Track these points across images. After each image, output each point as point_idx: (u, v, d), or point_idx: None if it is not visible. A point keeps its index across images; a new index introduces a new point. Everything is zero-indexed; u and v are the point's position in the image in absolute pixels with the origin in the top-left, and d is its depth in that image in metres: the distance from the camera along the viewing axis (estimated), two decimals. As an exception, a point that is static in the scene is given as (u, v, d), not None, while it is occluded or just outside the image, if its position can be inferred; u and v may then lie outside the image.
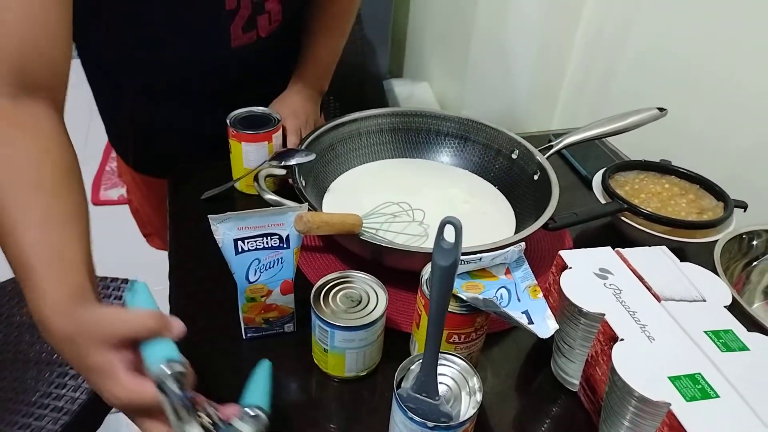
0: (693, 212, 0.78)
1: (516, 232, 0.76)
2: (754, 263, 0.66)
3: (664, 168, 0.85)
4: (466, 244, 0.62)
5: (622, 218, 0.77)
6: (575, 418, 0.59)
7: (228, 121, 0.80)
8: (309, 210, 0.59)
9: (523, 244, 0.58)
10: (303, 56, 0.94)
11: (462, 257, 0.57)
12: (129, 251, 1.43)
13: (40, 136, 0.53)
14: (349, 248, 0.71)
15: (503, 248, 0.57)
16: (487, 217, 0.81)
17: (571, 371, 0.60)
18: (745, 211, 0.78)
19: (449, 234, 0.42)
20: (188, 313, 0.67)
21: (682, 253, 0.75)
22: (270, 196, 0.70)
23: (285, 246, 0.59)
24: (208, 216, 0.55)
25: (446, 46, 1.81)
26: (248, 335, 0.63)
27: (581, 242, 0.82)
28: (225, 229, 0.56)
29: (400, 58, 2.27)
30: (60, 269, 0.47)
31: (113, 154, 2.48)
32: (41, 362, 0.98)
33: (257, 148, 0.80)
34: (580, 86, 1.27)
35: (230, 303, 0.63)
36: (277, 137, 0.81)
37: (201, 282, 0.71)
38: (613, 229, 0.82)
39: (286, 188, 0.77)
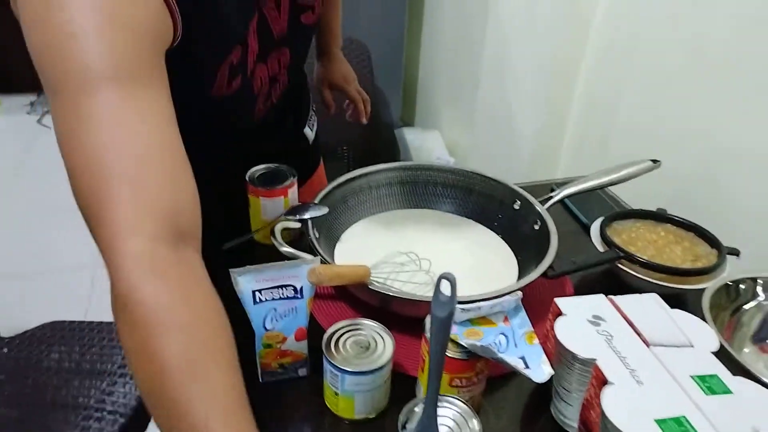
0: (688, 259, 0.81)
1: (518, 281, 0.80)
2: (742, 309, 0.69)
3: (660, 216, 0.89)
4: (471, 292, 0.67)
5: (620, 266, 0.81)
6: (574, 460, 0.62)
7: (246, 177, 0.86)
8: (321, 262, 0.64)
9: (519, 292, 0.63)
10: (323, 31, 1.11)
11: (462, 306, 0.61)
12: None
13: (209, 295, 0.52)
14: (359, 296, 0.76)
15: (500, 297, 0.61)
16: (490, 266, 0.86)
17: (569, 414, 0.63)
18: (738, 258, 0.82)
19: (446, 288, 0.46)
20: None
21: (678, 299, 0.78)
22: (285, 249, 0.75)
23: (299, 296, 0.64)
24: (229, 270, 0.61)
25: (455, 96, 1.89)
26: (264, 379, 0.68)
27: (582, 288, 0.85)
28: (244, 282, 0.62)
29: (412, 107, 2.36)
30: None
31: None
32: (68, 406, 1.03)
33: (274, 202, 0.86)
34: (581, 137, 1.33)
35: (249, 349, 0.67)
36: (292, 192, 0.87)
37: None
38: (612, 276, 0.86)
39: (301, 239, 0.82)
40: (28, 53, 0.54)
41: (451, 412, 0.56)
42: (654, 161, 0.91)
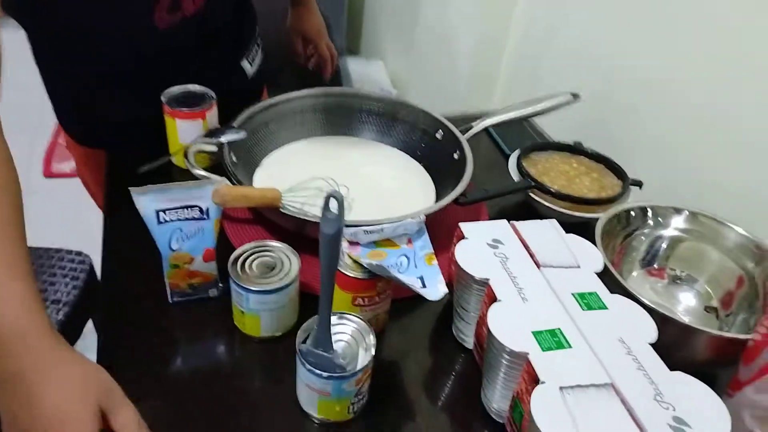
0: (594, 189, 0.85)
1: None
2: (633, 236, 0.74)
3: (574, 149, 0.92)
4: (385, 216, 0.68)
5: (532, 195, 0.84)
6: (469, 372, 0.66)
7: (162, 98, 0.83)
8: (228, 184, 0.64)
9: (422, 216, 0.64)
10: None
11: (366, 228, 0.63)
12: (79, 223, 1.45)
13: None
14: (273, 220, 0.76)
15: (402, 220, 0.63)
16: (408, 192, 0.87)
17: (467, 332, 0.67)
18: (641, 189, 0.86)
19: (334, 206, 0.47)
20: (120, 278, 0.72)
21: (584, 227, 0.82)
22: (198, 171, 0.74)
23: (205, 217, 0.64)
24: (129, 189, 0.60)
25: (398, 26, 1.85)
26: (174, 299, 0.68)
27: (498, 217, 0.87)
28: (146, 201, 0.61)
29: (358, 35, 2.30)
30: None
31: (66, 127, 2.46)
32: None
33: (191, 125, 0.84)
34: (516, 67, 1.33)
35: (158, 269, 0.67)
36: (211, 115, 0.85)
37: (133, 250, 0.75)
38: (527, 206, 0.89)
39: (221, 165, 0.81)
40: None
41: (349, 328, 0.58)
42: (574, 95, 0.92)
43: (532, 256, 0.63)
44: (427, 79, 1.63)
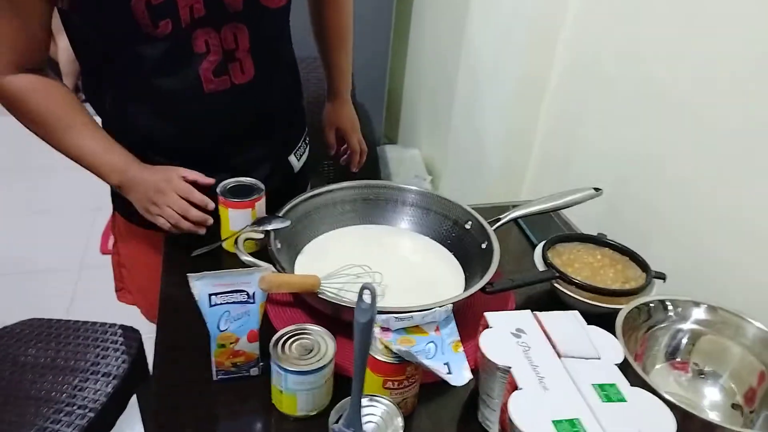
0: (619, 281, 0.88)
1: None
2: (655, 328, 0.76)
3: (599, 240, 0.96)
4: (416, 303, 0.73)
5: (557, 285, 0.88)
6: (494, 460, 0.68)
7: (218, 190, 0.93)
8: (274, 271, 0.71)
9: (450, 305, 0.69)
10: (330, 70, 1.18)
11: (397, 315, 0.68)
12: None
13: (58, 83, 0.89)
14: (312, 304, 0.82)
15: (431, 309, 0.68)
16: (439, 280, 0.92)
17: (493, 419, 0.69)
18: (664, 281, 0.89)
19: (367, 297, 0.53)
20: (171, 356, 0.78)
21: (607, 318, 0.85)
22: (246, 258, 0.82)
23: (252, 301, 0.70)
24: (187, 275, 0.67)
25: (433, 117, 1.97)
26: (218, 377, 0.74)
27: (525, 305, 0.91)
28: (201, 286, 0.68)
29: (395, 125, 2.44)
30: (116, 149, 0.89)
31: (123, 207, 2.63)
32: (40, 399, 1.08)
33: (242, 213, 0.92)
34: (545, 160, 1.41)
35: (205, 349, 0.73)
36: (259, 205, 0.94)
37: (184, 329, 0.82)
38: (552, 295, 0.92)
39: (267, 250, 0.88)
40: None
41: (379, 410, 0.62)
42: (596, 189, 0.98)
43: (553, 346, 0.66)
44: (460, 167, 1.72)
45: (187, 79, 0.88)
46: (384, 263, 0.92)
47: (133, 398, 1.19)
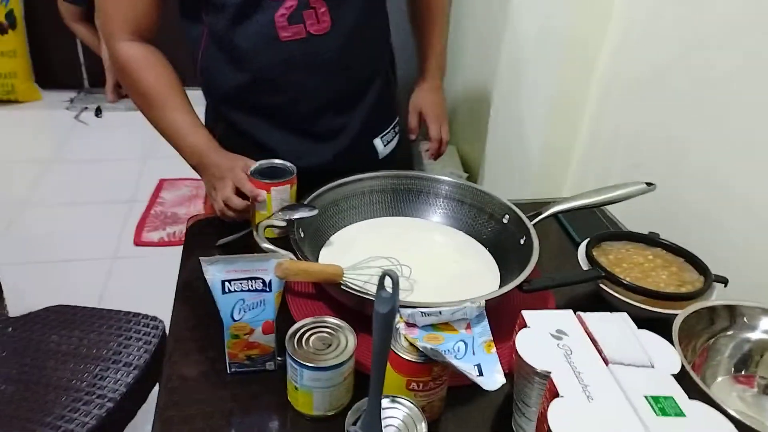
0: (673, 284, 0.80)
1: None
2: (718, 337, 0.68)
3: (650, 240, 0.88)
4: (450, 299, 0.67)
5: (603, 286, 0.80)
6: (529, 475, 0.61)
7: (249, 172, 0.88)
8: (293, 259, 0.66)
9: (482, 301, 0.63)
10: (422, 52, 1.14)
11: (423, 310, 0.62)
12: (160, 290, 1.52)
13: (165, 61, 0.94)
14: (335, 296, 0.77)
15: (461, 304, 0.61)
16: (472, 276, 0.86)
17: (528, 428, 0.62)
18: (725, 287, 0.80)
19: (388, 285, 0.47)
20: (184, 347, 0.74)
21: (660, 324, 0.77)
22: (266, 245, 0.77)
23: (267, 289, 0.65)
24: (200, 258, 0.63)
25: (472, 112, 1.90)
26: (232, 370, 0.69)
27: (565, 307, 0.84)
28: (214, 271, 0.63)
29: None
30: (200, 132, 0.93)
31: (160, 200, 2.65)
32: (60, 387, 1.06)
33: (280, 192, 0.87)
34: (588, 155, 1.32)
35: (220, 341, 0.69)
36: (292, 189, 0.89)
37: (200, 320, 0.78)
38: (597, 297, 0.84)
39: (287, 239, 0.83)
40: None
41: (401, 413, 0.56)
42: (648, 184, 0.90)
43: (599, 351, 0.59)
44: (498, 165, 1.65)
45: (263, 25, 0.88)
46: (413, 257, 0.86)
47: (157, 390, 1.16)
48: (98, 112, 3.45)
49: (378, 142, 1.08)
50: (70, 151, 3.03)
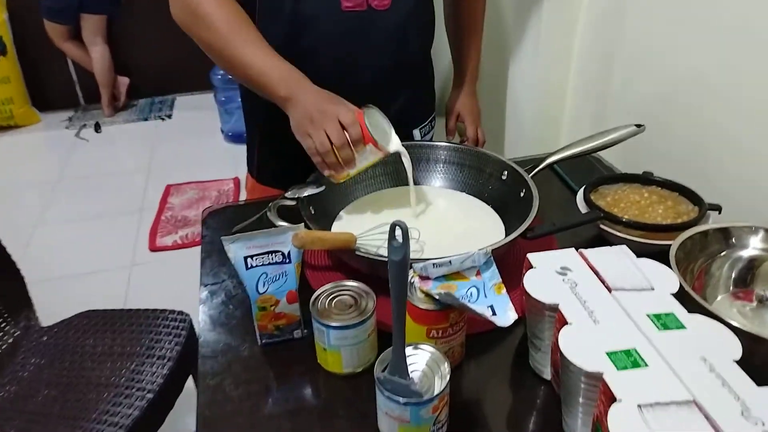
0: (669, 217, 0.83)
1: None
2: (714, 258, 0.71)
3: (645, 179, 0.91)
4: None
5: (603, 227, 0.84)
6: (549, 403, 0.65)
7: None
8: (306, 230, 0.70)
9: (489, 248, 0.67)
10: (462, 58, 1.18)
11: (435, 261, 0.66)
12: (180, 289, 1.57)
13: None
14: (350, 264, 0.81)
15: (469, 252, 0.66)
16: (478, 232, 0.90)
17: (543, 361, 0.67)
18: (719, 213, 0.83)
19: (399, 234, 0.51)
20: (216, 326, 0.79)
21: (659, 255, 0.81)
22: (280, 222, 0.81)
23: (288, 261, 0.70)
24: (221, 237, 0.67)
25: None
26: (263, 341, 0.74)
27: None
28: (236, 249, 0.68)
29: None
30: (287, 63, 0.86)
31: (168, 205, 2.69)
32: (101, 385, 1.12)
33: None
34: (580, 107, 1.35)
35: (249, 317, 0.73)
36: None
37: (228, 298, 0.82)
38: (599, 238, 0.88)
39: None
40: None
41: (424, 358, 0.60)
42: (638, 125, 0.93)
43: (602, 281, 0.63)
44: (492, 132, 1.67)
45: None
46: (421, 221, 0.91)
47: (191, 381, 1.22)
48: (97, 127, 3.50)
49: (417, 133, 1.11)
50: (74, 168, 3.09)
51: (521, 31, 1.40)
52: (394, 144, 0.89)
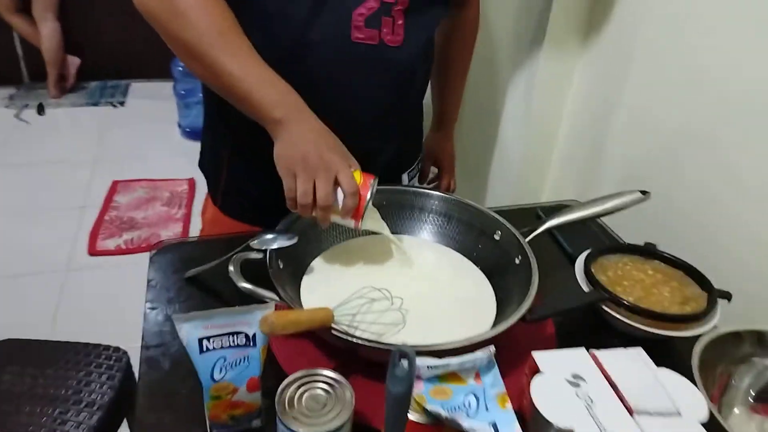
0: (676, 302, 0.76)
1: (496, 322, 0.75)
2: (734, 365, 0.64)
3: (648, 252, 0.84)
4: (444, 334, 0.62)
5: (605, 307, 0.76)
6: None
7: None
8: (278, 308, 0.58)
9: (492, 348, 0.57)
10: (444, 100, 1.13)
11: (430, 363, 0.56)
12: (120, 304, 1.41)
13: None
14: (324, 338, 0.70)
15: (472, 352, 0.56)
16: (467, 304, 0.80)
17: (545, 481, 0.58)
18: (729, 302, 0.77)
19: (405, 363, 0.40)
20: (157, 404, 0.66)
21: (666, 346, 0.74)
22: (244, 284, 0.69)
23: (251, 345, 0.58)
24: (172, 316, 0.55)
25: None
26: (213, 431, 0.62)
27: (564, 328, 0.79)
28: (189, 329, 0.56)
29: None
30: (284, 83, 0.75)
31: (114, 204, 2.49)
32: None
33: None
34: (569, 157, 1.28)
35: (199, 397, 0.61)
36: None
37: (174, 371, 0.70)
38: (596, 317, 0.80)
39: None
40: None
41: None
42: (643, 192, 0.86)
43: (621, 398, 0.54)
44: (475, 172, 1.59)
45: (339, 19, 0.80)
46: (404, 282, 0.80)
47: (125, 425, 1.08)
48: (41, 109, 3.24)
49: (405, 178, 1.04)
50: (11, 153, 2.83)
51: (515, 70, 1.32)
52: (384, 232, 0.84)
